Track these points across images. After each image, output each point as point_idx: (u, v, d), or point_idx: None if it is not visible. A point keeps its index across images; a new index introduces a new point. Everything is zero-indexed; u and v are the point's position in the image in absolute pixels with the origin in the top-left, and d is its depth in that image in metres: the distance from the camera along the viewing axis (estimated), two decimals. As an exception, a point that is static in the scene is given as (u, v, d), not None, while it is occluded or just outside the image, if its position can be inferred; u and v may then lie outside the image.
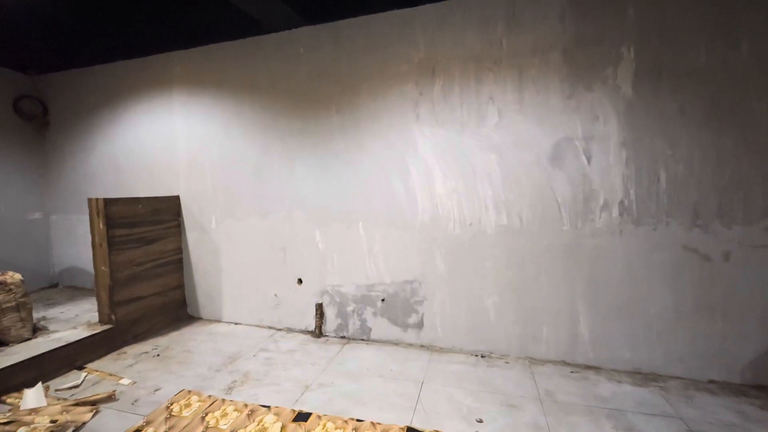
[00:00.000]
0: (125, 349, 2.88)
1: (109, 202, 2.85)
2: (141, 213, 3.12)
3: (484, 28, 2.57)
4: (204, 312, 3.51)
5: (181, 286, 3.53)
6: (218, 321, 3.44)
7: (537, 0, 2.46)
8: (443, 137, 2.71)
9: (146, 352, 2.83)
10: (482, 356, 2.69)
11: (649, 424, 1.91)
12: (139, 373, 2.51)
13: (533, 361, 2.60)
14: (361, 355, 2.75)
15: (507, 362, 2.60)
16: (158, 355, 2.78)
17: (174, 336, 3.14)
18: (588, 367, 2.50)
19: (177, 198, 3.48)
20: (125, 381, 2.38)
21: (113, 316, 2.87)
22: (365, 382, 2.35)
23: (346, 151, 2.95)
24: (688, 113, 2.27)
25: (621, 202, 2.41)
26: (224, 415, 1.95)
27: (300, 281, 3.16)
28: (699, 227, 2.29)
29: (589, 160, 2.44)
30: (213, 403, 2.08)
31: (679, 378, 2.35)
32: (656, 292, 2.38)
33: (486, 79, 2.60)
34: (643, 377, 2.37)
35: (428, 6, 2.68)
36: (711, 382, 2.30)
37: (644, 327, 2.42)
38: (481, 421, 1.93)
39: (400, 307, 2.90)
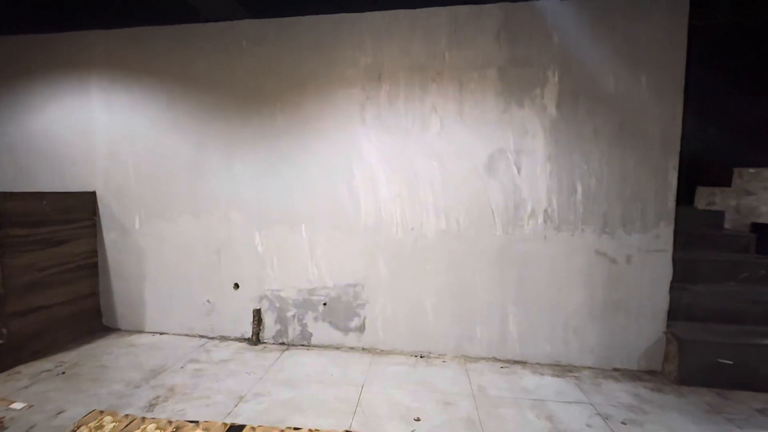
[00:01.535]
0: (19, 368, 2.48)
1: (4, 197, 2.44)
2: (47, 210, 2.73)
3: (429, 40, 2.68)
4: (123, 322, 3.16)
5: (95, 294, 3.14)
6: (140, 332, 3.12)
7: (477, 17, 2.63)
8: (389, 143, 2.77)
9: (48, 370, 2.46)
10: (421, 356, 2.77)
11: (566, 411, 2.11)
12: (36, 395, 2.18)
13: (468, 358, 2.75)
14: (301, 361, 2.68)
15: (444, 361, 2.71)
16: (63, 372, 2.44)
17: (85, 350, 2.78)
18: (516, 362, 2.70)
19: (92, 194, 3.10)
20: (18, 405, 2.05)
21: (4, 330, 2.46)
22: (304, 389, 2.29)
23: (290, 151, 2.87)
24: (600, 133, 2.58)
25: (545, 211, 2.65)
26: (144, 435, 1.77)
27: (236, 286, 2.99)
28: (607, 234, 2.61)
29: (519, 170, 2.65)
30: (131, 422, 1.87)
31: (590, 368, 2.64)
32: (573, 291, 2.66)
33: (430, 89, 2.71)
34: (561, 369, 2.62)
35: (376, 13, 2.72)
36: (615, 369, 2.62)
37: (562, 323, 2.68)
38: (418, 420, 1.99)
39: (342, 310, 2.88)
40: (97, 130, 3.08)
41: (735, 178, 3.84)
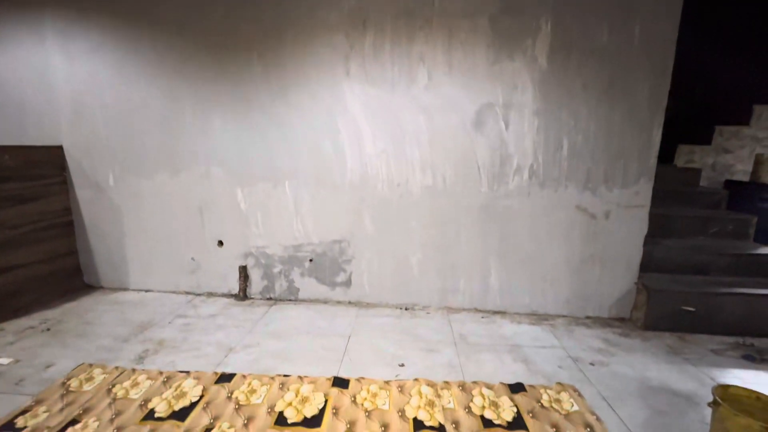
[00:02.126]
0: (2, 325, 2.46)
1: (-41, 150, 2.28)
2: (10, 166, 2.57)
3: (417, -17, 2.50)
4: (105, 280, 3.12)
5: (73, 253, 3.06)
6: (124, 289, 3.10)
7: (468, -41, 2.45)
8: (374, 96, 2.66)
9: (32, 327, 2.45)
10: (406, 309, 2.87)
11: (539, 354, 2.26)
12: (23, 350, 2.18)
13: (451, 310, 2.87)
14: (289, 314, 2.74)
15: (428, 313, 2.82)
16: (48, 329, 2.43)
17: (69, 307, 2.76)
18: (496, 312, 2.84)
19: (59, 149, 2.91)
20: (4, 360, 2.05)
21: (-19, 289, 2.40)
22: (293, 340, 2.37)
23: (271, 104, 2.73)
24: (589, 89, 2.54)
25: (531, 167, 2.66)
26: (135, 384, 1.81)
27: (220, 243, 2.96)
28: (589, 190, 2.66)
29: (507, 126, 2.62)
30: (121, 374, 1.91)
31: (564, 316, 2.80)
32: (553, 246, 2.75)
33: (417, 38, 2.57)
34: (538, 318, 2.78)
35: (360, -51, 2.49)
36: (587, 318, 2.79)
37: (541, 276, 2.79)
38: (403, 365, 2.10)
39: (329, 266, 2.92)
40: (58, 79, 2.83)
41: (715, 136, 3.91)
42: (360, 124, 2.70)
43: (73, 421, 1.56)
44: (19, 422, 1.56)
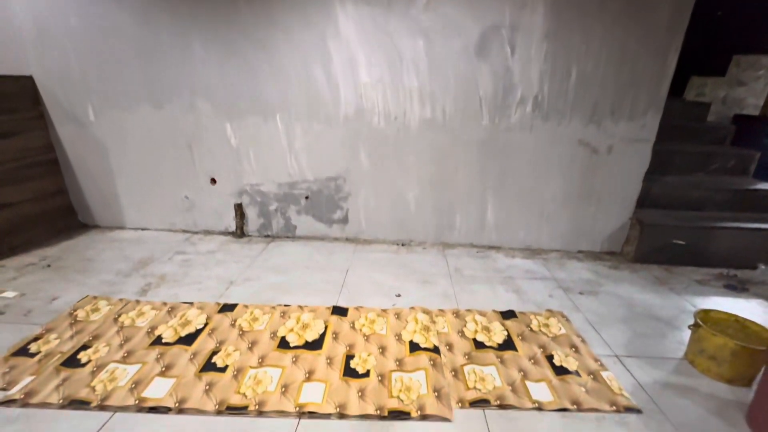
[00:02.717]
0: (2, 262, 2.48)
1: None
2: (-22, 97, 2.39)
3: None
4: (101, 219, 3.10)
5: (62, 192, 2.99)
6: (121, 228, 3.09)
7: None
8: (368, 17, 2.41)
9: (32, 264, 2.47)
10: (403, 245, 2.91)
11: (531, 285, 2.35)
12: (27, 285, 2.21)
13: (447, 245, 2.91)
14: (287, 251, 2.78)
15: (424, 248, 2.87)
16: (49, 266, 2.45)
17: (67, 245, 2.77)
18: (491, 248, 2.89)
19: (29, 80, 2.70)
20: (9, 294, 2.09)
21: (-27, 226, 2.37)
22: (292, 274, 2.42)
23: (255, 28, 2.48)
24: (606, 8, 2.31)
25: (535, 98, 2.52)
26: (140, 314, 1.87)
27: (213, 181, 2.90)
28: (594, 123, 2.55)
29: (512, 51, 2.42)
30: (126, 305, 1.96)
31: (557, 251, 2.87)
32: (551, 181, 2.71)
33: (417, -55, 2.26)
34: (532, 252, 2.84)
35: None
36: (580, 252, 2.86)
37: (538, 211, 2.80)
38: (399, 296, 2.18)
39: (325, 204, 2.90)
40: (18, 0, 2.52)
41: (731, 67, 3.69)
42: (354, 50, 2.49)
43: (84, 347, 1.63)
44: (33, 348, 1.63)
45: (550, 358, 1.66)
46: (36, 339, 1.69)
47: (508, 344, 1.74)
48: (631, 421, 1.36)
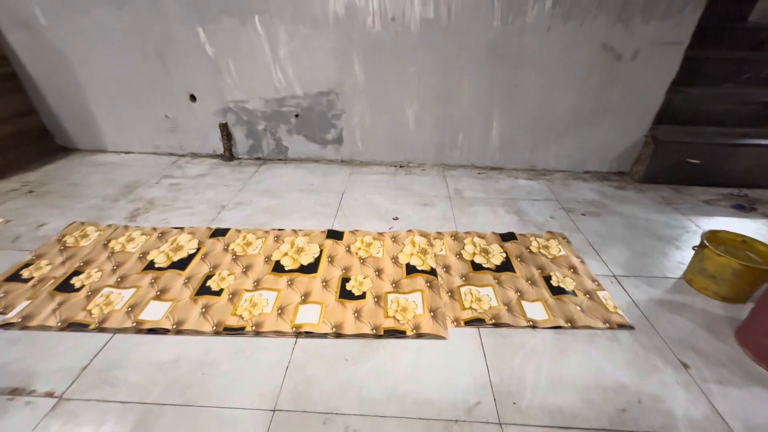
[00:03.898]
0: (-18, 188, 2.37)
1: None
2: None
3: None
4: (80, 141, 2.91)
5: (33, 111, 2.75)
6: (103, 151, 2.92)
7: None
8: None
9: (15, 190, 2.37)
10: (401, 166, 2.78)
11: (533, 207, 2.27)
12: (11, 211, 2.14)
13: (447, 166, 2.78)
14: (280, 173, 2.65)
15: (423, 170, 2.73)
16: (31, 191, 2.35)
17: (48, 170, 2.63)
18: (493, 168, 2.76)
19: (-42, -28, 2.27)
20: (-6, 220, 2.03)
21: (-61, 150, 2.20)
22: (285, 197, 2.33)
23: None
24: None
25: (557, -10, 2.14)
26: (130, 240, 1.83)
27: (193, 98, 2.64)
28: (622, 22, 2.21)
29: (535, -74, 1.98)
30: (115, 230, 1.91)
31: (563, 171, 2.74)
32: (564, 95, 2.46)
33: None
34: (536, 173, 2.71)
35: None
36: (586, 172, 2.73)
37: (546, 129, 2.60)
38: (397, 219, 2.11)
39: (317, 122, 2.68)
40: None
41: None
42: (341, -73, 2.04)
43: (76, 272, 1.61)
44: (25, 273, 1.61)
45: (547, 278, 1.65)
46: (27, 265, 1.66)
47: (506, 266, 1.72)
48: (622, 337, 1.39)
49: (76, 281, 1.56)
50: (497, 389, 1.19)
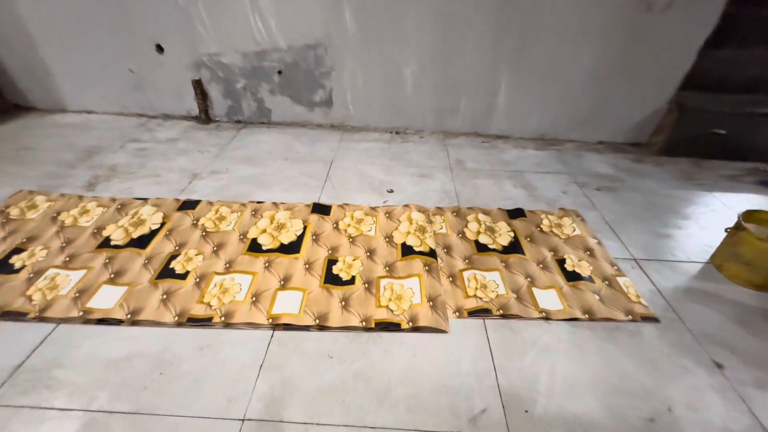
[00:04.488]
0: None
1: None
2: None
3: None
4: (36, 100, 2.57)
5: (-25, 62, 2.40)
6: (62, 111, 2.59)
7: None
8: None
9: (-43, 153, 2.08)
10: (397, 133, 2.51)
11: (543, 180, 2.05)
12: (-50, 177, 1.87)
13: (448, 134, 2.52)
14: (262, 139, 2.38)
15: (422, 137, 2.48)
16: (-23, 154, 2.07)
17: (-2, 131, 2.33)
18: (498, 137, 2.51)
19: None
20: (-74, 187, 1.76)
21: None
22: (267, 165, 2.08)
23: None
24: None
25: (585, -77, 1.81)
26: (84, 212, 1.58)
27: (160, 49, 2.30)
28: (657, -34, 1.90)
29: None
30: (68, 201, 1.66)
31: (574, 141, 2.50)
32: (582, 53, 2.17)
33: None
34: (545, 142, 2.47)
35: None
36: (599, 143, 2.50)
37: (559, 93, 2.33)
38: (391, 191, 1.89)
39: (303, 81, 2.37)
40: None
41: None
42: None
43: (18, 249, 1.38)
44: (-44, 251, 1.37)
45: (561, 262, 1.46)
46: (-40, 241, 1.42)
47: (514, 247, 1.52)
48: (646, 331, 1.22)
49: (16, 260, 1.34)
50: (506, 394, 1.03)
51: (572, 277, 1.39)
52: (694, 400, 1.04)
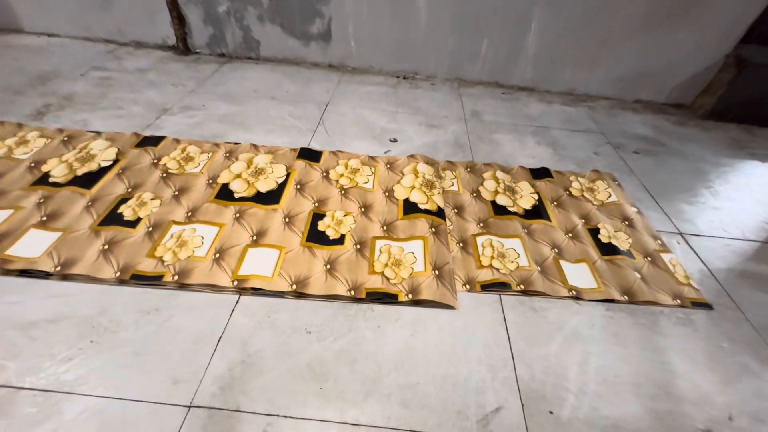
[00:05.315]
0: None
1: None
2: None
3: None
4: (-14, 16, 2.21)
5: None
6: (17, 31, 2.23)
7: None
8: None
9: None
10: (404, 77, 2.18)
11: (572, 139, 1.77)
12: None
13: (463, 82, 2.19)
14: (248, 75, 2.05)
15: (433, 84, 2.15)
16: None
17: (-61, 50, 2.00)
18: (521, 89, 2.18)
19: None
20: None
21: None
22: (251, 104, 1.78)
23: None
24: None
25: None
26: (23, 142, 1.31)
27: (126, -44, 1.92)
28: None
29: None
30: (4, 128, 1.38)
31: (608, 98, 2.18)
32: (635, -12, 1.81)
33: None
34: (575, 98, 2.15)
35: None
36: (637, 101, 2.17)
37: (599, 41, 1.98)
38: (395, 141, 1.60)
39: (297, 7, 2.01)
40: None
41: None
42: None
43: (-68, 182, 1.12)
44: None
45: (594, 232, 1.21)
46: None
47: (538, 211, 1.27)
48: (698, 320, 1.00)
49: (-72, 194, 1.08)
50: (526, 390, 0.81)
51: (608, 250, 1.15)
52: (759, 409, 0.83)
